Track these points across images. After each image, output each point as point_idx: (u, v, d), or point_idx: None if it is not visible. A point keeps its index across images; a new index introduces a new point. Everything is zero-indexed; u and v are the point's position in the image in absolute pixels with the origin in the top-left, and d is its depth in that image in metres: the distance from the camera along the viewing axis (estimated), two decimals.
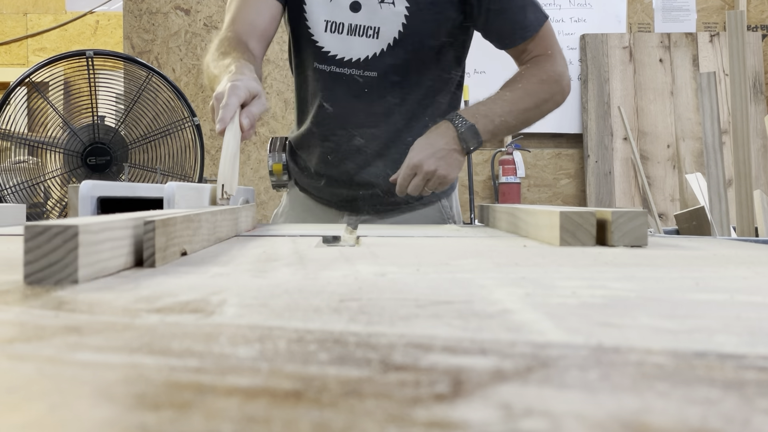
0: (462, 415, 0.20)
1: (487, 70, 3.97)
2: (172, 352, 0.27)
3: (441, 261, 0.60)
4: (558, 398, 0.21)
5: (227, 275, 0.49)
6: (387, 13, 1.33)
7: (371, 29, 1.34)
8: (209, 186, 1.00)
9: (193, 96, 3.44)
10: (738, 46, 1.56)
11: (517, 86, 1.36)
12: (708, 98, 1.62)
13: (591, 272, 0.52)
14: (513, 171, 3.74)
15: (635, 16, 4.01)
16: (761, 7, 3.88)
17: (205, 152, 2.12)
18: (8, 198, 2.05)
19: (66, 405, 0.20)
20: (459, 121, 1.29)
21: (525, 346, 0.28)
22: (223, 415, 0.19)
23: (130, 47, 3.50)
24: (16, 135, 2.07)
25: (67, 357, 0.26)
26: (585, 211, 0.77)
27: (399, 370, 0.24)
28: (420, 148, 1.30)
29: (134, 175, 2.11)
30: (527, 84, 1.37)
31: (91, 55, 2.09)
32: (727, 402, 0.21)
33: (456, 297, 0.40)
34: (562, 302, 0.38)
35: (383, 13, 1.33)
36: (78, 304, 0.37)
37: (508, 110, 1.33)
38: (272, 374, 0.24)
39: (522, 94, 1.35)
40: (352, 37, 1.35)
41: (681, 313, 0.36)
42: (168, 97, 2.13)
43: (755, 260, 0.63)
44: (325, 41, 1.37)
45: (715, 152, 1.60)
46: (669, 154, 3.82)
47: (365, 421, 0.19)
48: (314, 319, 0.33)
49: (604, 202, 3.79)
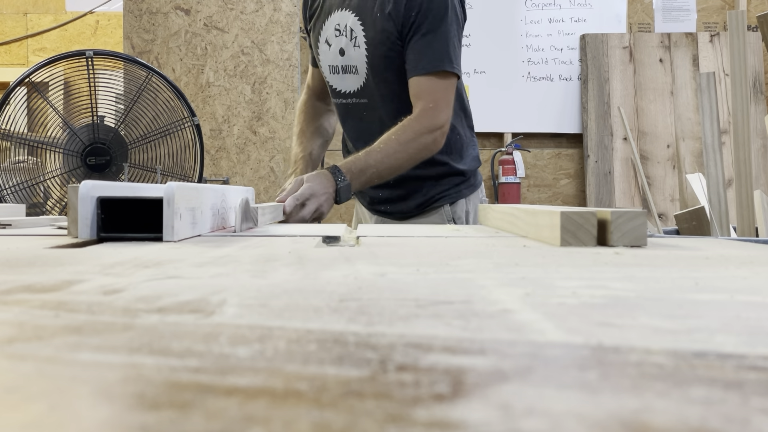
0: (462, 415, 0.20)
1: (486, 71, 3.97)
2: (172, 352, 0.27)
3: (441, 261, 0.60)
4: (558, 398, 0.21)
5: (227, 275, 0.49)
6: (356, 54, 1.70)
7: (353, 67, 1.72)
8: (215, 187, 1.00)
9: (193, 96, 3.44)
10: (738, 46, 1.56)
11: (391, 138, 1.61)
12: (707, 98, 1.62)
13: (591, 272, 0.52)
14: (513, 171, 3.74)
15: (635, 16, 4.01)
16: (761, 7, 3.88)
17: (205, 152, 2.12)
18: (8, 198, 2.05)
19: (66, 405, 0.20)
20: (340, 178, 1.58)
21: (525, 346, 0.28)
22: (223, 415, 0.19)
23: (130, 47, 3.50)
24: (15, 135, 2.07)
25: (67, 357, 0.26)
26: (586, 211, 0.77)
27: (399, 370, 0.24)
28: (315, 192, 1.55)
29: (134, 175, 2.11)
30: (402, 137, 1.61)
31: (91, 55, 2.09)
32: (727, 402, 0.21)
33: (456, 297, 0.40)
34: (562, 302, 0.38)
35: (355, 54, 1.71)
36: (78, 304, 0.37)
37: (380, 160, 1.60)
38: (272, 374, 0.24)
39: (396, 148, 1.60)
40: (345, 75, 1.75)
41: (681, 313, 0.36)
42: (168, 97, 2.13)
43: (755, 260, 0.63)
44: (333, 80, 1.78)
45: (714, 152, 1.60)
46: (669, 154, 3.82)
47: (365, 421, 0.19)
48: (314, 319, 0.33)
49: (604, 202, 3.79)
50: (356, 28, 1.69)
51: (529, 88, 3.98)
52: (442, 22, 1.61)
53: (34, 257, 0.61)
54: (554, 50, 4.00)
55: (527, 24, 4.01)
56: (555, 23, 4.01)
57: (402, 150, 1.59)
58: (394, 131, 1.61)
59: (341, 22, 1.72)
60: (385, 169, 1.61)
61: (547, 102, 3.97)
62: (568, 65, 3.99)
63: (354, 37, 1.70)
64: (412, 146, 1.60)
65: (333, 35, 1.75)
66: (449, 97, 1.64)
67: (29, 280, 0.46)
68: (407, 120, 1.61)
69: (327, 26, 1.75)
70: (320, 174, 1.57)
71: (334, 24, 1.74)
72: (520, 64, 3.96)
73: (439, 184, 1.76)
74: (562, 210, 0.77)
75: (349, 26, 1.70)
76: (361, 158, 1.61)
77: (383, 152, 1.60)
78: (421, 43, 1.61)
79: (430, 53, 1.61)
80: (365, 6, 1.68)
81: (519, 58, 3.96)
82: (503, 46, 3.93)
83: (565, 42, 4.01)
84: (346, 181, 1.58)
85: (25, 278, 0.47)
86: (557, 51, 4.00)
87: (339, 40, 1.73)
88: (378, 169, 1.60)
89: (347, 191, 1.58)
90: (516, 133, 3.91)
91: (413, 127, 1.60)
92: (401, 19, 1.62)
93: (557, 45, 4.00)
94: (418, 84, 1.63)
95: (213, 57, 3.50)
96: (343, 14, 1.71)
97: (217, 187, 1.04)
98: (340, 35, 1.73)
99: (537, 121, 3.97)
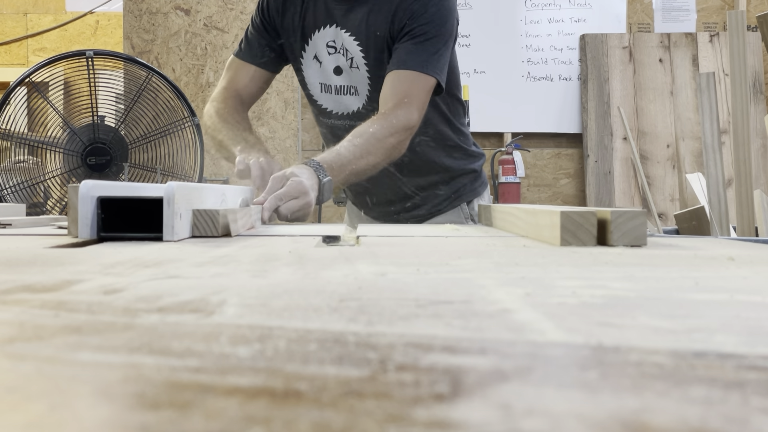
0: (462, 415, 0.20)
1: (486, 71, 3.96)
2: (172, 352, 0.27)
3: (441, 261, 0.60)
4: (558, 398, 0.21)
5: (227, 275, 0.49)
6: (357, 75, 1.61)
7: (353, 88, 1.63)
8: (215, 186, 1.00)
9: (193, 96, 3.44)
10: (738, 46, 1.56)
11: (368, 132, 1.48)
12: (707, 98, 1.62)
13: (591, 272, 0.52)
14: (513, 171, 3.74)
15: (635, 16, 4.01)
16: (761, 7, 3.88)
17: (205, 152, 2.12)
18: (8, 198, 2.04)
19: (66, 405, 0.20)
20: (322, 173, 1.42)
21: (525, 346, 0.28)
22: (223, 415, 0.19)
23: (130, 47, 3.49)
24: (16, 135, 2.07)
25: (67, 357, 0.26)
26: (586, 210, 0.77)
27: (399, 369, 0.24)
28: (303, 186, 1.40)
29: (134, 175, 2.11)
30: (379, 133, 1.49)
31: (91, 55, 2.09)
32: (727, 402, 0.21)
33: (456, 297, 0.40)
34: (562, 302, 0.38)
35: (354, 75, 1.61)
36: (78, 303, 0.37)
37: (359, 156, 1.47)
38: (272, 374, 0.24)
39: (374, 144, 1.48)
40: (340, 95, 1.64)
41: (681, 313, 0.36)
42: (168, 97, 2.13)
43: (755, 260, 0.63)
44: (323, 100, 1.67)
45: (714, 152, 1.60)
46: (669, 154, 3.82)
47: (365, 421, 0.19)
48: (314, 319, 0.33)
49: (603, 202, 3.79)
50: (352, 48, 1.60)
51: (529, 88, 3.98)
52: (437, 33, 1.55)
53: (34, 257, 0.61)
54: (554, 50, 4.00)
55: (527, 24, 4.01)
56: (555, 23, 4.01)
57: (380, 146, 1.48)
58: (370, 124, 1.49)
59: (335, 39, 1.61)
60: (362, 168, 1.48)
61: (546, 102, 3.97)
62: (568, 65, 3.99)
63: (350, 58, 1.60)
64: (389, 142, 1.49)
65: (324, 52, 1.63)
66: (425, 101, 1.55)
67: (29, 280, 0.46)
68: (382, 114, 1.51)
69: (315, 40, 1.63)
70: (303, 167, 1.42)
71: (326, 40, 1.62)
72: (520, 64, 3.96)
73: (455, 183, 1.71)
74: (562, 210, 0.77)
75: (344, 46, 1.60)
76: (339, 153, 1.47)
77: (361, 148, 1.47)
78: (411, 45, 1.54)
79: (418, 55, 1.54)
80: (360, 27, 1.58)
81: (519, 58, 3.96)
82: (503, 46, 3.93)
83: (565, 42, 4.01)
84: (328, 178, 1.44)
85: (25, 278, 0.47)
86: (557, 51, 4.00)
87: (333, 59, 1.62)
88: (356, 167, 1.47)
89: (329, 190, 1.44)
90: (516, 133, 3.90)
91: (390, 121, 1.49)
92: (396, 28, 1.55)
93: (557, 45, 4.00)
94: (398, 77, 1.53)
95: (213, 57, 3.50)
96: (336, 32, 1.60)
97: (217, 187, 1.04)
98: (335, 53, 1.62)
99: (537, 121, 3.96)
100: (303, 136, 3.74)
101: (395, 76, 1.53)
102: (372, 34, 1.58)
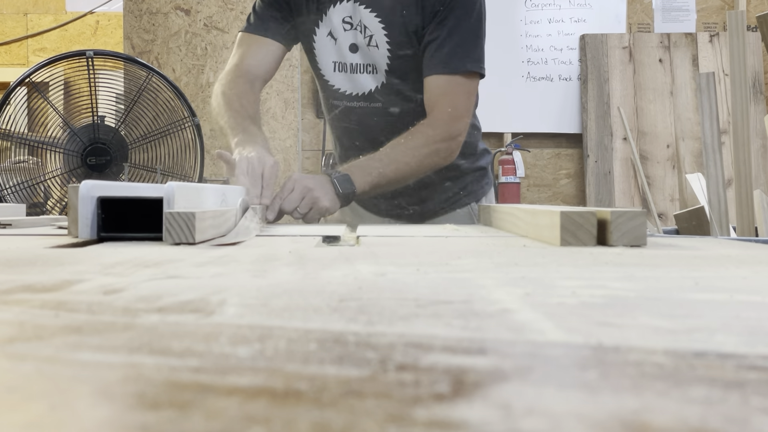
0: (462, 415, 0.20)
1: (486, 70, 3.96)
2: (172, 352, 0.27)
3: (441, 261, 0.60)
4: (558, 398, 0.21)
5: (227, 275, 0.49)
6: (375, 53, 1.52)
7: (370, 66, 1.53)
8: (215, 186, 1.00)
9: (193, 96, 3.44)
10: (738, 46, 1.56)
11: (399, 143, 1.45)
12: (707, 98, 1.61)
13: (591, 272, 0.52)
14: (513, 171, 3.74)
15: (635, 16, 4.01)
16: (761, 7, 3.88)
17: (205, 152, 2.12)
18: (8, 198, 2.04)
19: (66, 405, 0.20)
20: (334, 173, 1.42)
21: (525, 346, 0.28)
22: (223, 415, 0.19)
23: (130, 47, 3.50)
24: (16, 135, 2.07)
25: (67, 357, 0.26)
26: (586, 210, 0.77)
27: (399, 369, 0.24)
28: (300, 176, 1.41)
29: (134, 175, 2.10)
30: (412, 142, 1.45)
31: (91, 55, 2.09)
32: (727, 402, 0.21)
33: (456, 297, 0.40)
34: (562, 302, 0.38)
35: (373, 53, 1.52)
36: (78, 303, 0.37)
37: (387, 163, 1.43)
38: (272, 374, 0.24)
39: (405, 152, 1.44)
40: (356, 74, 1.55)
41: (681, 313, 0.36)
42: (168, 97, 2.13)
43: (755, 260, 0.63)
44: (336, 80, 1.57)
45: (714, 152, 1.60)
46: (669, 154, 3.82)
47: (365, 421, 0.19)
48: (314, 319, 0.33)
49: (603, 202, 3.79)
50: (372, 25, 1.50)
51: (528, 88, 3.98)
52: (470, 15, 1.46)
53: (35, 257, 0.61)
54: (554, 50, 4.00)
55: (527, 24, 4.00)
56: (555, 23, 4.01)
57: (411, 155, 1.43)
58: (403, 136, 1.45)
59: (352, 15, 1.51)
60: (392, 172, 1.43)
61: (546, 102, 3.97)
62: (568, 65, 3.99)
63: (369, 36, 1.50)
64: (424, 152, 1.43)
65: (340, 28, 1.53)
66: (470, 103, 1.50)
67: (29, 280, 0.46)
68: (420, 125, 1.46)
69: (330, 16, 1.53)
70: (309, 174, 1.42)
71: (342, 16, 1.52)
72: (519, 64, 3.96)
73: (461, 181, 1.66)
74: (562, 210, 0.77)
75: (362, 22, 1.50)
76: (368, 157, 1.44)
77: (389, 156, 1.43)
78: (445, 37, 1.44)
79: (454, 50, 1.45)
80: (383, 1, 1.49)
81: (519, 58, 3.96)
82: (503, 46, 3.93)
83: (564, 42, 4.01)
84: (340, 173, 1.40)
85: (25, 278, 0.47)
86: (557, 51, 4.00)
87: (350, 35, 1.52)
88: (384, 171, 1.42)
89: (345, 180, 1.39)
90: (516, 133, 3.90)
91: (426, 132, 1.44)
92: (427, 13, 1.46)
93: (557, 45, 4.00)
94: (437, 84, 1.47)
95: (213, 57, 3.50)
96: (354, 7, 1.51)
97: (217, 187, 1.04)
98: (351, 29, 1.52)
99: (537, 121, 3.96)
100: (303, 136, 3.74)
101: (433, 82, 1.47)
102: (398, 11, 1.48)
